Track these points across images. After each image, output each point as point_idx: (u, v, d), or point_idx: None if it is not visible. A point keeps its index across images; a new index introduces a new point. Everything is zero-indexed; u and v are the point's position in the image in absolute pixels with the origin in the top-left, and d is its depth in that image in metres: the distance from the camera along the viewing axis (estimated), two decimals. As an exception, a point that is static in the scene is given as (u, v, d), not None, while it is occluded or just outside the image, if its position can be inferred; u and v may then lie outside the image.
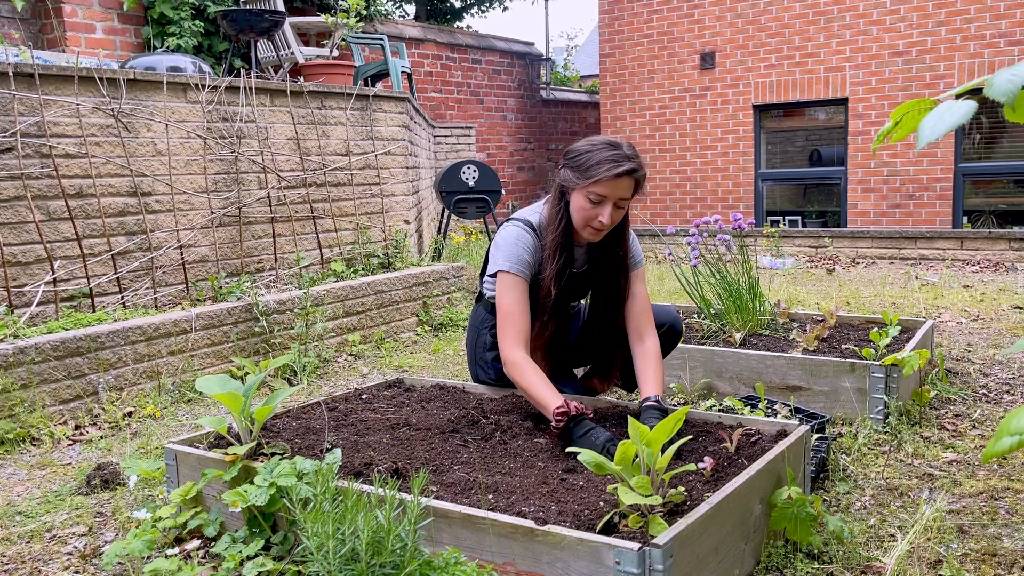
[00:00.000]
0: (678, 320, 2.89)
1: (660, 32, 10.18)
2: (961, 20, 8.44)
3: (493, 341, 2.80)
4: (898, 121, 1.23)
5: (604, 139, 2.45)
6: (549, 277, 2.50)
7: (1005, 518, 2.24)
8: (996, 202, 9.01)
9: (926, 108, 1.16)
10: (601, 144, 2.42)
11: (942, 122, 1.04)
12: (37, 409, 3.13)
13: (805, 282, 6.70)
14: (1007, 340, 4.32)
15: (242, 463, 2.11)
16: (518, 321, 2.44)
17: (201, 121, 4.29)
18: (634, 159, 2.40)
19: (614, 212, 2.42)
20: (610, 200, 2.40)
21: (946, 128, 1.04)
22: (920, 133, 1.07)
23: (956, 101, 1.07)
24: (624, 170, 2.36)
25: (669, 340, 2.88)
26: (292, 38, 6.82)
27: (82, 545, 2.20)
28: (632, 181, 2.40)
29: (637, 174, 2.40)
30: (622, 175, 2.37)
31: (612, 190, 2.38)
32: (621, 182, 2.38)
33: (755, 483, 1.95)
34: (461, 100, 11.06)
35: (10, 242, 3.54)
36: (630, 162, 2.38)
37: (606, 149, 2.40)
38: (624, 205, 2.45)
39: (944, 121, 1.04)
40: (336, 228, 5.02)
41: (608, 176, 2.36)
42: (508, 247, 2.51)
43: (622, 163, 2.36)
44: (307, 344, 4.15)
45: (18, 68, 3.56)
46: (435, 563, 1.67)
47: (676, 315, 2.91)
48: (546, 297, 2.53)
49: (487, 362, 2.85)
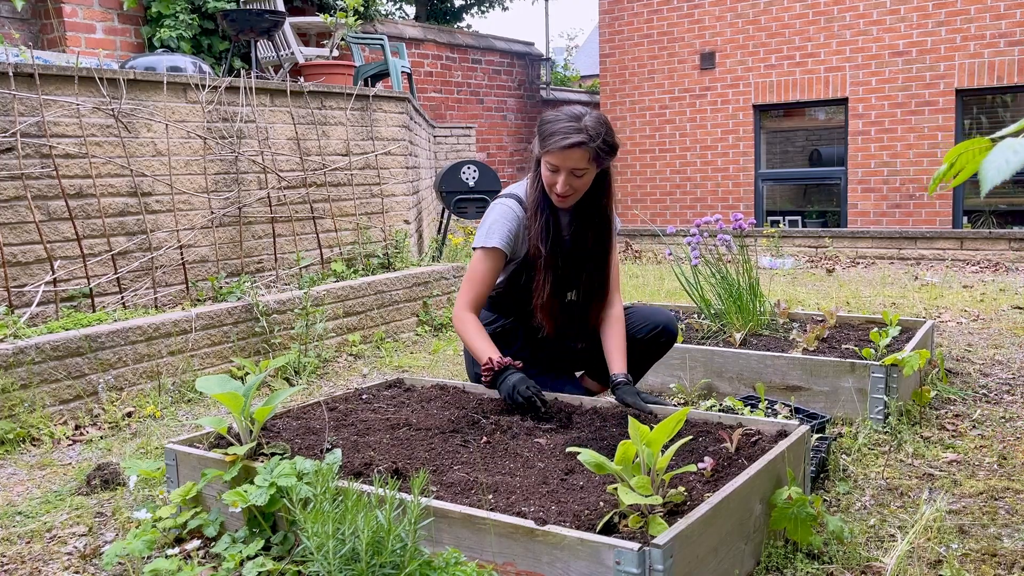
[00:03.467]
0: (672, 321, 2.90)
1: (660, 32, 10.18)
2: (961, 20, 8.44)
3: (512, 332, 2.85)
4: (952, 163, 1.19)
5: (571, 111, 2.50)
6: (535, 235, 2.60)
7: (1005, 518, 2.24)
8: (996, 202, 9.02)
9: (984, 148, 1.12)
10: (564, 116, 2.48)
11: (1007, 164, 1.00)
12: (37, 409, 3.13)
13: (805, 282, 6.70)
14: (1007, 340, 4.32)
15: (242, 463, 2.11)
16: (477, 286, 2.60)
17: (201, 121, 4.29)
18: (586, 132, 2.43)
19: (572, 180, 2.50)
20: (563, 170, 2.48)
21: (1012, 169, 1.00)
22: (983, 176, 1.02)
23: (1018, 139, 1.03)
24: (570, 143, 2.42)
25: (663, 343, 2.90)
26: (292, 38, 6.82)
27: (82, 545, 2.20)
28: (584, 153, 2.44)
29: (588, 146, 2.43)
30: (569, 147, 2.43)
31: (563, 160, 2.46)
32: (571, 153, 2.44)
33: (755, 483, 1.95)
34: (461, 100, 11.06)
35: (10, 242, 3.54)
36: (579, 135, 2.42)
37: (564, 121, 2.46)
38: (582, 175, 2.50)
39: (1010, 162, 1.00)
40: (336, 228, 5.02)
41: (556, 147, 2.44)
42: (488, 225, 2.63)
43: (571, 135, 2.42)
44: (307, 344, 4.15)
45: (18, 68, 3.57)
46: (435, 563, 1.67)
47: (670, 316, 2.92)
48: (536, 256, 2.61)
49: (518, 350, 2.87)
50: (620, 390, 2.56)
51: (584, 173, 2.50)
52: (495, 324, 2.84)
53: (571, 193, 2.54)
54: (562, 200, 2.56)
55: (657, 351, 2.92)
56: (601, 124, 2.48)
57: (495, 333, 2.82)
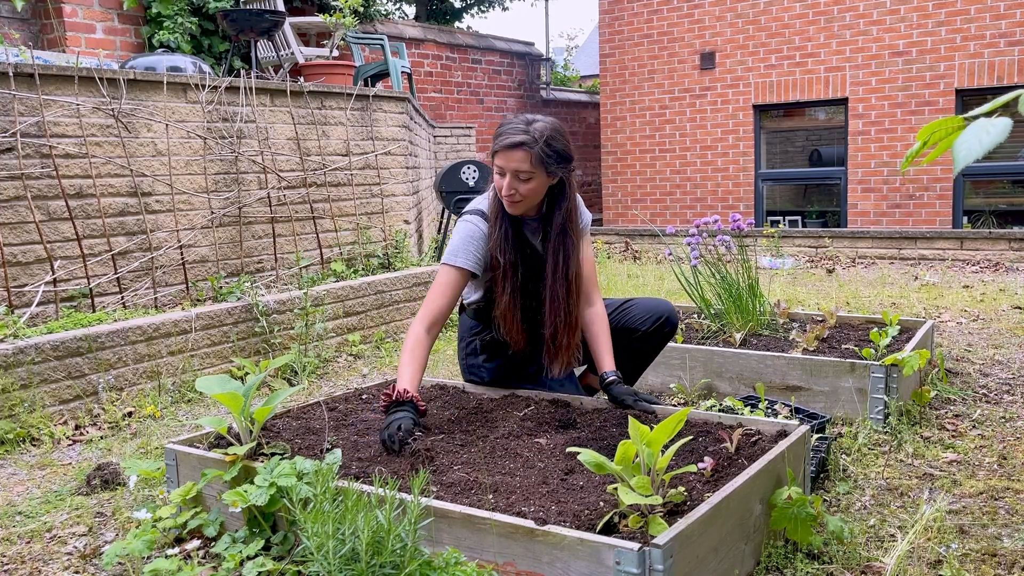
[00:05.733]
0: (673, 310, 2.91)
1: (660, 32, 10.18)
2: (961, 20, 8.44)
3: (481, 346, 2.85)
4: (925, 141, 1.16)
5: (527, 116, 2.50)
6: (494, 244, 2.56)
7: (1005, 518, 2.24)
8: (996, 202, 9.01)
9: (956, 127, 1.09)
10: (517, 120, 2.49)
11: (980, 144, 0.98)
12: (37, 409, 3.13)
13: (805, 282, 6.70)
14: (1007, 340, 4.32)
15: (242, 463, 2.11)
16: (431, 302, 2.53)
17: (201, 121, 4.29)
18: (531, 135, 2.42)
19: (517, 184, 2.46)
20: (507, 171, 2.46)
21: (983, 150, 0.98)
22: (956, 156, 1.00)
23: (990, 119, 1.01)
24: (511, 142, 2.42)
25: (667, 333, 2.91)
26: (292, 38, 6.82)
27: (82, 545, 2.20)
28: (526, 154, 2.42)
29: (529, 148, 2.41)
30: (510, 147, 2.42)
31: (507, 161, 2.45)
32: (513, 153, 2.43)
33: (755, 483, 1.95)
34: (461, 100, 11.06)
35: (10, 242, 3.54)
36: (522, 136, 2.42)
37: (514, 124, 2.47)
38: (527, 178, 2.46)
39: (981, 143, 0.98)
40: (336, 228, 5.02)
41: (499, 146, 2.45)
42: (452, 244, 2.61)
43: (513, 136, 2.42)
44: (307, 344, 4.15)
45: (18, 68, 3.56)
46: (435, 563, 1.67)
47: (670, 306, 2.92)
48: (496, 266, 2.57)
49: (478, 366, 2.89)
50: (614, 388, 2.56)
51: (529, 177, 2.46)
52: (485, 333, 2.84)
53: (517, 198, 2.49)
54: (512, 205, 2.52)
55: (661, 341, 2.93)
56: (550, 130, 2.46)
57: (486, 342, 2.84)
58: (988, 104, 1.10)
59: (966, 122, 1.06)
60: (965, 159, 0.99)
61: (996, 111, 1.07)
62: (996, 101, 1.11)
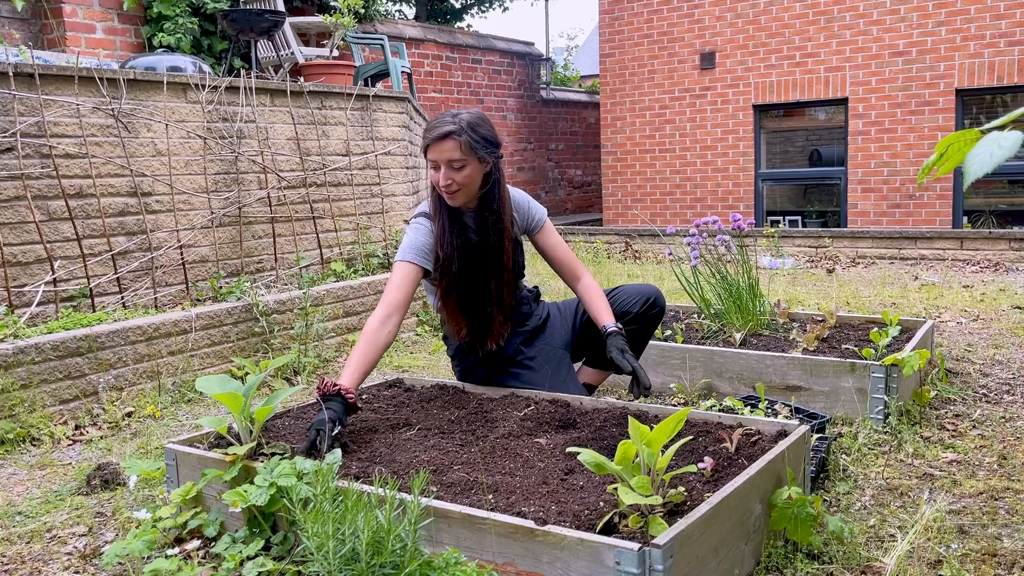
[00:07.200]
0: (660, 292, 3.00)
1: (660, 32, 10.18)
2: (961, 20, 8.44)
3: (468, 350, 2.88)
4: (942, 153, 1.18)
5: (452, 111, 2.60)
6: (437, 240, 2.66)
7: (1005, 518, 2.24)
8: (996, 202, 9.01)
9: (972, 140, 1.11)
10: (443, 115, 2.58)
11: (991, 157, 0.99)
12: (37, 409, 3.13)
13: (805, 282, 6.70)
14: (1007, 340, 4.32)
15: (242, 463, 2.11)
16: (386, 296, 2.60)
17: (201, 121, 4.29)
18: (457, 123, 2.52)
19: (452, 174, 2.55)
20: (441, 163, 2.55)
21: (996, 163, 0.99)
22: (967, 168, 1.01)
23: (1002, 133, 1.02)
24: (440, 133, 2.52)
25: (656, 314, 2.98)
26: (292, 38, 6.82)
27: (82, 545, 2.20)
28: (455, 143, 2.52)
29: (458, 137, 2.51)
30: (440, 137, 2.52)
31: (439, 154, 2.54)
32: (441, 145, 2.53)
33: (755, 483, 1.95)
34: (461, 100, 11.05)
35: (10, 242, 3.54)
36: (449, 126, 2.51)
37: (440, 118, 2.57)
38: (460, 166, 2.55)
39: (993, 156, 0.99)
40: (336, 228, 5.02)
41: (429, 139, 2.54)
42: (402, 245, 2.69)
43: (436, 128, 2.53)
44: (307, 344, 4.15)
45: (18, 68, 3.56)
46: (435, 563, 1.67)
47: (657, 288, 3.01)
48: (439, 259, 2.66)
49: (472, 367, 2.95)
50: (611, 338, 2.68)
51: (463, 165, 2.55)
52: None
53: (455, 187, 2.58)
54: (451, 196, 2.61)
55: (652, 322, 3.00)
56: (475, 117, 2.58)
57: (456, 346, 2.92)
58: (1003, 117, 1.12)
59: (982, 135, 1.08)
60: (977, 172, 1.01)
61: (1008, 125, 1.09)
62: (1009, 115, 1.13)
